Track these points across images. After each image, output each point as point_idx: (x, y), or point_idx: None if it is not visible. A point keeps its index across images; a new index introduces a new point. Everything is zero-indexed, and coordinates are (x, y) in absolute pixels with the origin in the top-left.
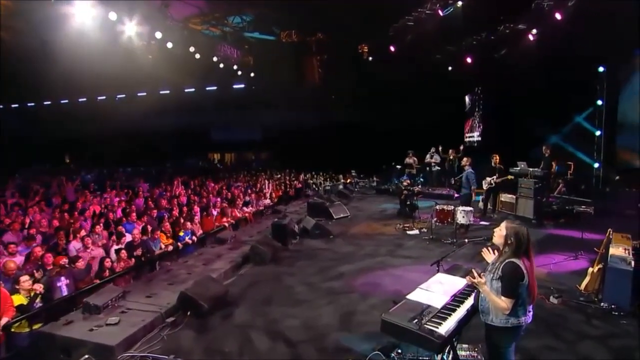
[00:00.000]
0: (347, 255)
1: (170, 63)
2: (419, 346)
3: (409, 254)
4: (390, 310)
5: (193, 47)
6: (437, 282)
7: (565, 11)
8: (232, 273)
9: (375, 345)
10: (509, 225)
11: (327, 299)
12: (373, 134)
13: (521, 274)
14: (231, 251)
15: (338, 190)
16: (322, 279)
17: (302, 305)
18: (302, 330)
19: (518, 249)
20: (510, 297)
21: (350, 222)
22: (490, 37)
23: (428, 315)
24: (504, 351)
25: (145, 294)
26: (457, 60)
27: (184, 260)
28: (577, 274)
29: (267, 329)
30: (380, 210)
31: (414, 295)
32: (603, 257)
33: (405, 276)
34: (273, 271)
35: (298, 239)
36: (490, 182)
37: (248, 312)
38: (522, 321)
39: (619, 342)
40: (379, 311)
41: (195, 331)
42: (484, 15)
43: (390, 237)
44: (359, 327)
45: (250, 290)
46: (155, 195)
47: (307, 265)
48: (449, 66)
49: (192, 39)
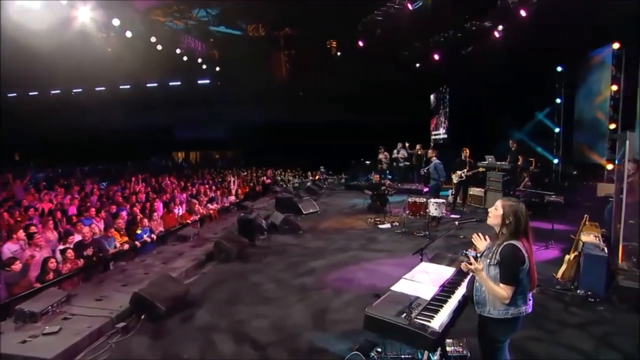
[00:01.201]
0: (317, 250)
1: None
2: (409, 344)
3: (382, 247)
4: (374, 305)
5: (154, 37)
6: (422, 272)
7: (529, 8)
8: (194, 271)
9: (352, 345)
10: (506, 203)
11: (298, 296)
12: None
13: (522, 257)
14: (194, 249)
15: (307, 186)
16: (292, 275)
17: (271, 304)
18: (272, 331)
19: (517, 229)
20: (511, 284)
21: (320, 217)
22: (457, 34)
23: (417, 308)
24: (501, 346)
25: (95, 297)
26: (425, 57)
27: (142, 259)
28: (551, 263)
29: (233, 330)
30: (350, 205)
31: (398, 286)
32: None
33: (380, 270)
34: (239, 268)
35: (266, 234)
36: (461, 175)
37: (211, 313)
38: (523, 311)
39: (599, 329)
40: (354, 308)
41: (150, 336)
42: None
43: (361, 231)
44: (333, 325)
45: (214, 289)
46: (112, 192)
47: (276, 261)
48: (417, 63)
49: (153, 30)
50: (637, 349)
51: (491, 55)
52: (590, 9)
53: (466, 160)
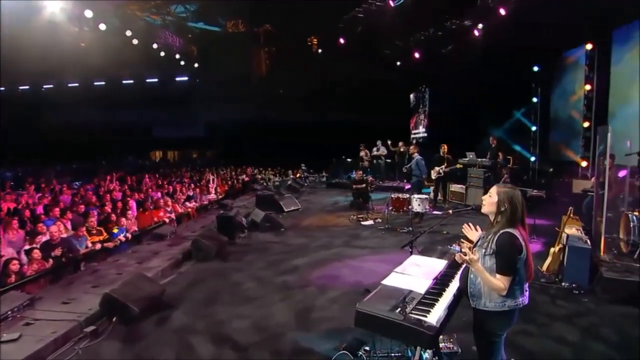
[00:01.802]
0: (300, 248)
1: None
2: (405, 341)
3: (366, 244)
4: (365, 300)
5: (130, 31)
6: (413, 265)
7: (509, 7)
8: (171, 271)
9: (339, 344)
10: (501, 189)
11: (280, 294)
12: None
13: (519, 246)
14: (171, 247)
15: (288, 185)
16: (274, 273)
17: (253, 303)
18: (253, 332)
19: (513, 217)
20: (508, 275)
21: (302, 215)
22: (437, 32)
23: (411, 302)
24: (498, 340)
25: (62, 300)
26: (406, 55)
27: (115, 259)
28: (535, 257)
29: (212, 332)
30: (332, 202)
31: (390, 280)
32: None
33: (364, 266)
34: (218, 267)
35: (246, 232)
36: (439, 172)
37: (189, 314)
38: (520, 302)
39: (585, 321)
40: (340, 305)
41: (121, 341)
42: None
43: (344, 228)
44: (318, 324)
45: (191, 289)
46: (84, 190)
47: (257, 259)
48: (398, 61)
49: (128, 23)
50: (622, 339)
51: (471, 54)
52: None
53: (444, 156)
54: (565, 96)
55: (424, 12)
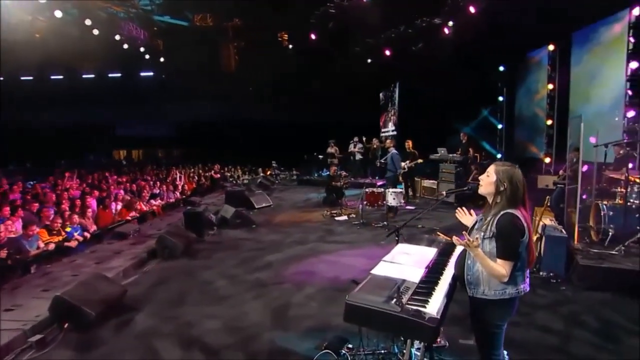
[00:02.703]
0: (273, 244)
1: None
2: (404, 335)
3: (341, 239)
4: (355, 291)
5: (89, 20)
6: (402, 253)
7: (478, 6)
8: (133, 271)
9: (320, 343)
10: (499, 167)
11: (254, 292)
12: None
13: (522, 227)
14: (134, 246)
15: (258, 182)
16: (246, 270)
17: (224, 303)
18: (225, 333)
19: (514, 197)
20: (510, 259)
21: (274, 211)
22: (407, 30)
23: (407, 292)
24: (499, 331)
25: (5, 307)
26: (376, 53)
27: (71, 260)
28: None
29: (179, 335)
30: (304, 199)
31: (379, 269)
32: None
33: (341, 261)
34: (186, 265)
35: (216, 229)
36: (404, 167)
37: (153, 316)
38: (522, 290)
39: (566, 309)
40: (318, 302)
41: (74, 349)
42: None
43: (318, 223)
44: (296, 322)
45: (157, 289)
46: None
47: (228, 256)
48: (369, 58)
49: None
50: (602, 325)
51: (440, 52)
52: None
53: (409, 151)
54: (530, 95)
55: (395, 9)
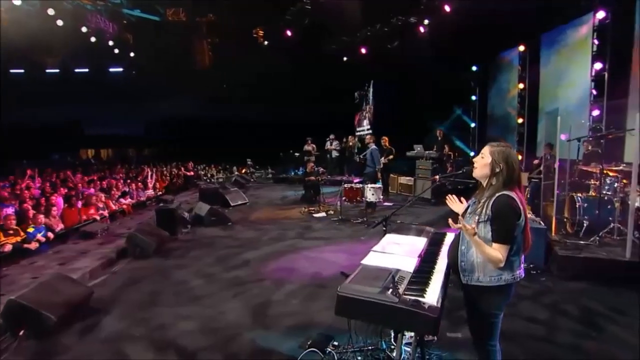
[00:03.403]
0: (251, 241)
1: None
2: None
3: (320, 235)
4: (347, 283)
5: (52, 9)
6: (391, 243)
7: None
8: (101, 271)
9: (304, 341)
10: (495, 148)
11: (232, 291)
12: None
13: (518, 210)
14: (102, 246)
15: (233, 180)
16: (223, 268)
17: (200, 303)
18: (202, 334)
19: (510, 178)
20: (506, 243)
21: (250, 209)
22: (384, 28)
23: (402, 282)
24: (495, 320)
25: None
26: (352, 51)
27: (31, 261)
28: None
29: (151, 338)
30: (281, 197)
31: (370, 259)
32: None
33: (322, 257)
34: (159, 265)
35: (190, 227)
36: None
37: (123, 318)
38: (518, 276)
39: (548, 299)
40: (299, 299)
41: (32, 358)
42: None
43: (296, 220)
44: (277, 321)
45: (126, 290)
46: None
47: (204, 254)
48: (345, 56)
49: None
50: (584, 313)
51: (416, 50)
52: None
53: (385, 148)
54: (501, 94)
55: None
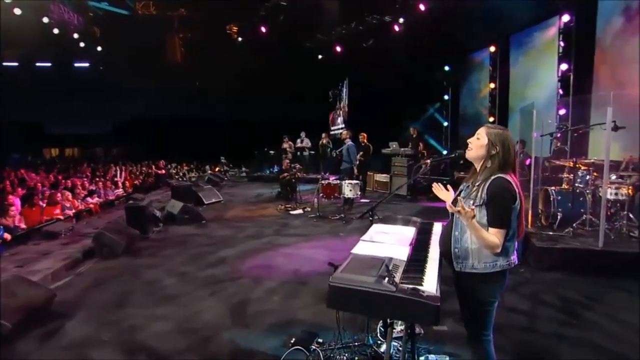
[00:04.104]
0: (226, 239)
1: None
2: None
3: (298, 232)
4: (337, 273)
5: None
6: (380, 233)
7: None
8: (65, 273)
9: (287, 339)
10: (491, 130)
11: (208, 289)
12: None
13: (514, 193)
14: (66, 246)
15: (206, 179)
16: (198, 267)
17: (175, 302)
18: (178, 336)
19: (506, 161)
20: (503, 228)
21: (225, 207)
22: (359, 26)
23: (397, 270)
24: (490, 309)
25: None
26: (328, 49)
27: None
28: None
29: (121, 341)
30: (256, 194)
31: (360, 248)
32: None
33: (300, 253)
34: (129, 264)
35: (162, 226)
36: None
37: (89, 322)
38: (512, 262)
39: (528, 289)
40: (279, 296)
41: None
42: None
43: (272, 217)
44: (257, 319)
45: (93, 291)
46: None
47: (177, 253)
48: (320, 54)
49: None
50: (563, 302)
51: (391, 49)
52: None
53: (363, 144)
54: (473, 94)
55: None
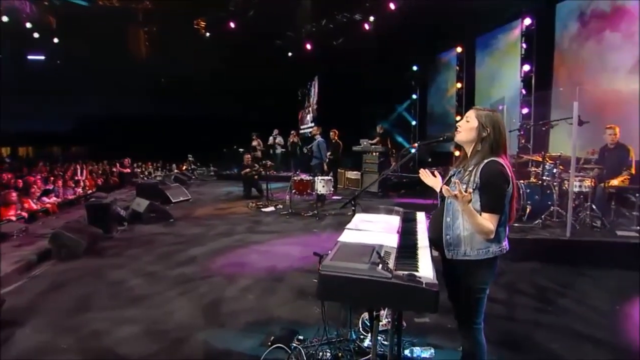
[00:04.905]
0: (196, 238)
1: None
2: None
3: (271, 229)
4: (327, 261)
5: None
6: (364, 221)
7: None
8: (17, 277)
9: (265, 338)
10: (481, 112)
11: (178, 289)
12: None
13: (507, 176)
14: (19, 248)
15: (173, 178)
16: (167, 266)
17: (142, 304)
18: (147, 339)
19: (497, 144)
20: (497, 213)
21: (193, 205)
22: (329, 24)
23: (389, 257)
24: (482, 296)
25: None
26: (298, 46)
27: None
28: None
29: (83, 348)
30: (226, 193)
31: (347, 237)
32: None
33: (275, 250)
34: (91, 265)
35: (127, 225)
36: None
37: (44, 329)
38: (504, 248)
39: (504, 279)
40: (255, 294)
41: None
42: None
43: (244, 215)
44: (232, 318)
45: (50, 296)
46: None
47: (144, 252)
48: (289, 51)
49: None
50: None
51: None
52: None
53: (335, 141)
54: (440, 93)
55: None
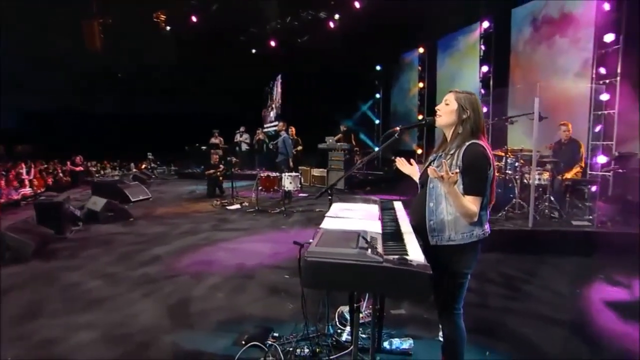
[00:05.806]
0: (158, 237)
1: None
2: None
3: (238, 226)
4: (312, 247)
5: None
6: (344, 210)
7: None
8: None
9: (238, 337)
10: (459, 95)
11: (141, 290)
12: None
13: (488, 159)
14: None
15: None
16: (128, 266)
17: (102, 307)
18: (108, 344)
19: (477, 126)
20: (480, 195)
21: (154, 204)
22: (294, 22)
23: (376, 242)
24: (465, 281)
25: None
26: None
27: None
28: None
29: (36, 356)
30: (188, 191)
31: (328, 224)
32: None
33: (243, 248)
34: (41, 268)
35: (82, 225)
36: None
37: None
38: (487, 231)
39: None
40: (225, 292)
41: None
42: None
43: (208, 213)
44: (202, 318)
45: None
46: None
47: (101, 253)
48: (253, 49)
49: None
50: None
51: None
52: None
53: (293, 138)
54: (403, 93)
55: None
